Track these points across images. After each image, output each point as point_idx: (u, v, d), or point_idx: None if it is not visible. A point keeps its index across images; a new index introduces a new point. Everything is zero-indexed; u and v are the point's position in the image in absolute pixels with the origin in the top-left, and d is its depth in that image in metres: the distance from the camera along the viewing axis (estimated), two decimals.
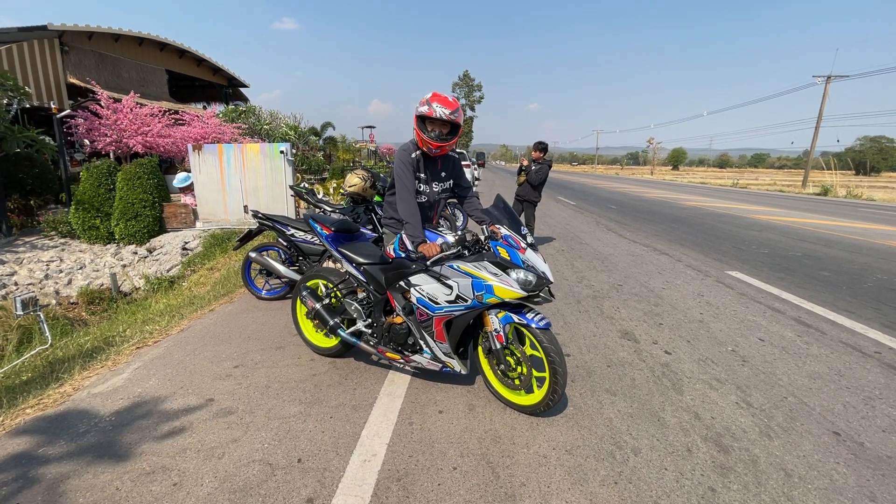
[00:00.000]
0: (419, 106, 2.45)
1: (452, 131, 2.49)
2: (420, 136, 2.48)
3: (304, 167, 17.32)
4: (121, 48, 16.87)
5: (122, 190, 8.98)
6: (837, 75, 28.05)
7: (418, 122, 2.47)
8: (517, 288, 2.20)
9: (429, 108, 2.40)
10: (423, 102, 2.44)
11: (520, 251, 2.27)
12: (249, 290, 4.57)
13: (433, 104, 2.40)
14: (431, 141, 2.44)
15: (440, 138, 2.45)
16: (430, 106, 2.40)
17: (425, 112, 2.40)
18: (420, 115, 2.45)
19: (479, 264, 2.31)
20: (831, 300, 4.48)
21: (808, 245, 7.51)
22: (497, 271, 2.25)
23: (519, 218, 2.47)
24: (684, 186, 30.05)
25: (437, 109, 2.38)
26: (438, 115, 2.38)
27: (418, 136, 2.49)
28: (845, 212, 13.87)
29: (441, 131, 2.46)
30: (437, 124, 2.45)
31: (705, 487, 1.92)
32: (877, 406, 2.58)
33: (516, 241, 2.30)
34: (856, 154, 70.38)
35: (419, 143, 2.52)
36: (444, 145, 2.48)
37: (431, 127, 2.46)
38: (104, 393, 2.67)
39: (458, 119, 2.44)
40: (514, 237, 2.32)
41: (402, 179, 2.51)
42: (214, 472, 1.97)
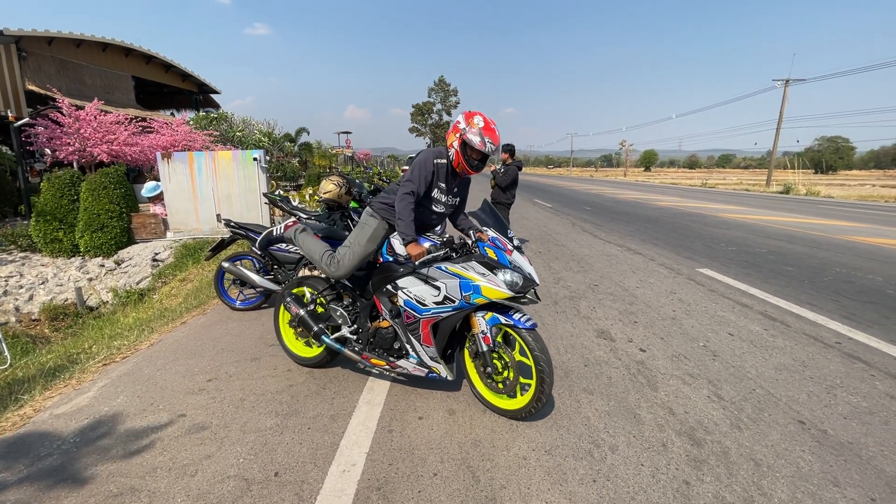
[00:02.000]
0: (469, 130, 2.40)
1: (483, 159, 2.52)
2: (460, 159, 2.46)
3: (280, 174, 17.05)
4: (83, 54, 16.30)
5: (86, 200, 8.65)
6: (795, 79, 29.41)
7: (461, 145, 2.45)
8: (504, 288, 2.23)
9: (481, 142, 2.38)
10: (476, 132, 2.39)
11: (507, 252, 2.31)
12: (223, 300, 4.45)
13: (486, 139, 2.38)
14: (470, 168, 2.48)
15: (477, 167, 2.50)
16: (482, 139, 2.38)
17: (476, 144, 2.38)
18: (466, 142, 2.42)
19: (466, 265, 2.35)
20: (795, 294, 4.67)
21: (772, 241, 7.82)
22: (485, 271, 2.29)
23: (504, 221, 2.50)
24: (656, 187, 30.91)
25: (488, 145, 2.39)
26: (488, 152, 2.42)
27: (458, 157, 2.46)
28: (806, 209, 14.52)
29: (480, 160, 2.50)
30: (478, 153, 2.46)
31: (680, 481, 1.97)
32: (838, 394, 2.70)
33: (503, 243, 2.34)
34: (815, 154, 73.81)
35: (455, 161, 2.50)
36: (476, 172, 2.53)
37: (473, 154, 2.46)
38: (68, 413, 2.55)
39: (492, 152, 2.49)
40: (501, 239, 2.35)
41: (416, 179, 2.47)
42: (187, 491, 1.91)
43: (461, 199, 2.79)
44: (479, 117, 2.42)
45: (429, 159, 2.50)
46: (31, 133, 10.98)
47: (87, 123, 10.98)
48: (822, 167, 71.59)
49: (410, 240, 2.39)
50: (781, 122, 29.24)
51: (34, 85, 13.59)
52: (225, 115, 19.21)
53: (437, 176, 2.53)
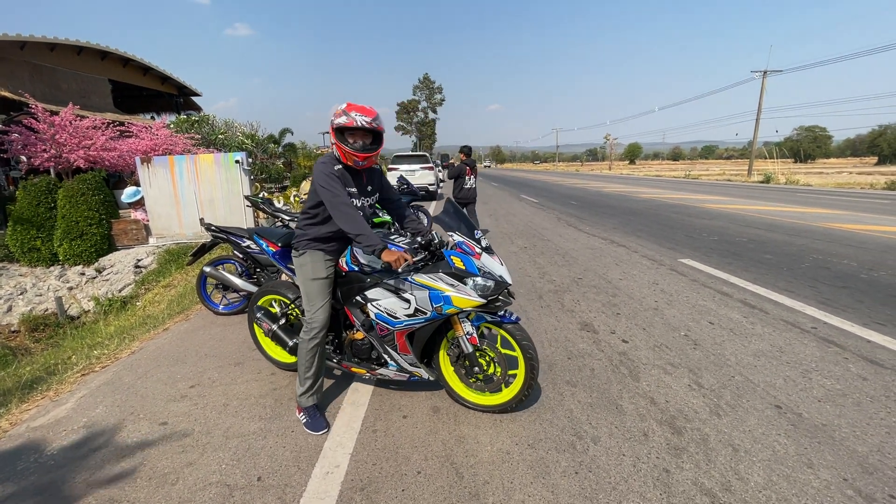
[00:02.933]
0: (335, 118, 2.27)
1: (376, 140, 2.34)
2: (342, 150, 2.27)
3: (264, 176, 16.86)
4: (57, 58, 15.88)
5: (64, 208, 8.45)
6: (773, 70, 29.95)
7: (337, 135, 2.29)
8: (475, 296, 2.17)
9: (348, 119, 2.23)
10: (340, 114, 2.26)
11: (475, 257, 2.24)
12: (206, 305, 4.40)
13: (352, 113, 2.24)
14: (356, 152, 2.26)
15: (365, 149, 2.29)
16: (348, 116, 2.24)
17: (344, 123, 2.24)
18: (339, 128, 2.27)
19: (434, 276, 2.25)
20: (773, 281, 4.77)
21: (752, 230, 7.97)
22: (454, 282, 2.20)
23: (472, 221, 2.45)
24: (640, 180, 31.25)
25: (357, 118, 2.23)
26: (359, 124, 2.24)
27: (339, 149, 2.29)
28: (785, 197, 14.82)
29: (364, 142, 2.30)
30: (358, 135, 2.29)
31: (660, 469, 2.00)
32: (813, 378, 2.77)
33: (470, 246, 2.28)
34: (793, 143, 75.34)
35: (342, 157, 2.31)
36: (371, 156, 2.31)
37: (353, 138, 2.28)
38: (45, 425, 2.50)
39: (380, 127, 2.31)
40: (467, 243, 2.28)
41: (333, 191, 2.24)
42: (167, 500, 1.89)
43: (380, 192, 2.59)
44: (342, 104, 2.29)
45: (327, 172, 2.28)
46: (4, 140, 10.69)
47: (62, 129, 10.71)
48: (801, 156, 73.11)
49: (381, 247, 2.16)
50: (760, 112, 29.77)
51: (6, 91, 13.20)
52: (207, 118, 18.94)
53: (345, 182, 2.34)
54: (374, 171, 2.54)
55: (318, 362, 2.43)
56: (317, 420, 2.37)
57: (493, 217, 10.96)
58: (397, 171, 14.95)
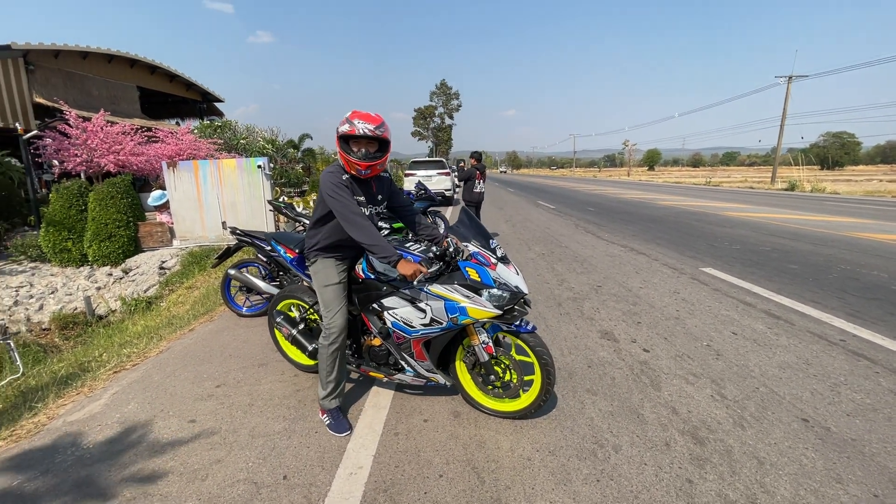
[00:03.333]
0: (340, 126, 2.26)
1: (381, 149, 2.30)
2: (346, 159, 2.25)
3: (283, 181, 17.17)
4: (89, 66, 16.52)
5: (94, 210, 8.77)
6: (798, 75, 29.31)
7: (341, 143, 2.26)
8: (491, 308, 2.16)
9: (350, 127, 2.21)
10: (344, 122, 2.24)
11: (490, 267, 2.22)
12: (230, 307, 4.51)
13: (354, 121, 2.22)
14: (359, 161, 2.23)
15: (368, 157, 2.25)
16: (351, 124, 2.21)
17: (347, 131, 2.21)
18: (343, 136, 2.25)
19: (450, 287, 2.24)
20: (799, 292, 4.66)
21: (776, 239, 7.80)
22: (469, 293, 2.20)
23: (487, 230, 2.42)
24: (660, 186, 30.82)
25: (358, 126, 2.20)
26: (361, 132, 2.20)
27: (343, 158, 2.27)
28: (811, 206, 14.44)
29: (368, 150, 2.26)
30: (362, 143, 2.25)
31: (683, 479, 1.99)
32: (842, 392, 2.71)
33: (486, 257, 2.26)
34: (819, 150, 73.33)
35: (346, 166, 2.29)
36: (374, 164, 2.27)
37: (357, 147, 2.25)
38: (81, 420, 2.61)
39: (385, 134, 2.26)
40: (483, 253, 2.27)
41: (343, 202, 2.22)
42: (198, 495, 1.95)
43: (389, 201, 2.57)
44: (348, 112, 2.28)
45: (334, 182, 2.26)
46: (39, 145, 11.16)
47: (93, 134, 11.14)
48: (828, 163, 71.08)
49: (396, 259, 2.13)
50: (785, 118, 29.11)
51: (42, 97, 13.79)
52: (229, 124, 19.41)
53: (353, 192, 2.31)
54: (382, 178, 2.51)
55: (340, 366, 2.47)
56: (340, 422, 2.42)
57: (509, 223, 10.95)
58: (414, 176, 15.06)
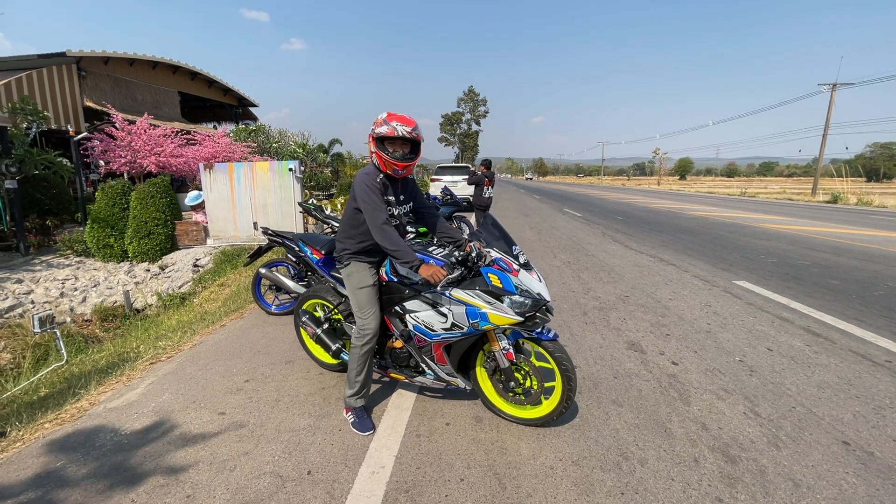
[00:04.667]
0: (376, 127, 2.32)
1: (414, 150, 2.39)
2: (382, 158, 2.32)
3: (313, 184, 17.59)
4: (135, 72, 17.43)
5: (135, 209, 9.20)
6: (843, 83, 28.00)
7: (377, 143, 2.33)
8: (512, 314, 2.16)
9: (389, 128, 2.28)
10: (381, 123, 2.31)
11: (512, 274, 2.21)
12: (259, 305, 4.65)
13: (392, 123, 2.29)
14: (396, 161, 2.31)
15: (405, 158, 2.33)
16: (389, 125, 2.29)
17: (385, 132, 2.28)
18: (379, 137, 2.32)
19: (471, 292, 2.25)
20: (841, 309, 4.44)
21: (817, 254, 7.45)
22: (491, 300, 2.20)
23: (510, 236, 2.42)
24: (691, 196, 29.93)
25: (398, 128, 2.28)
26: (400, 134, 2.28)
27: (380, 158, 2.33)
28: (856, 219, 13.72)
29: (403, 151, 2.35)
30: (398, 144, 2.33)
31: (712, 498, 1.92)
32: (887, 415, 2.56)
33: (508, 263, 2.25)
34: (866, 161, 69.78)
35: (382, 165, 2.36)
36: (410, 164, 2.36)
37: (393, 147, 2.33)
38: (120, 407, 2.74)
39: (420, 136, 2.35)
40: (505, 260, 2.26)
41: (373, 205, 2.28)
42: (226, 485, 2.01)
43: (413, 201, 2.63)
44: (383, 114, 2.34)
45: (370, 184, 2.33)
46: (87, 146, 11.81)
47: (137, 137, 11.73)
48: (877, 175, 67.46)
49: (418, 263, 2.20)
50: (828, 127, 27.83)
51: (91, 101, 14.63)
52: (262, 128, 20.07)
53: (385, 192, 2.39)
54: (408, 180, 2.60)
55: (369, 367, 2.52)
56: (364, 421, 2.46)
57: (535, 230, 10.87)
58: (440, 181, 15.16)
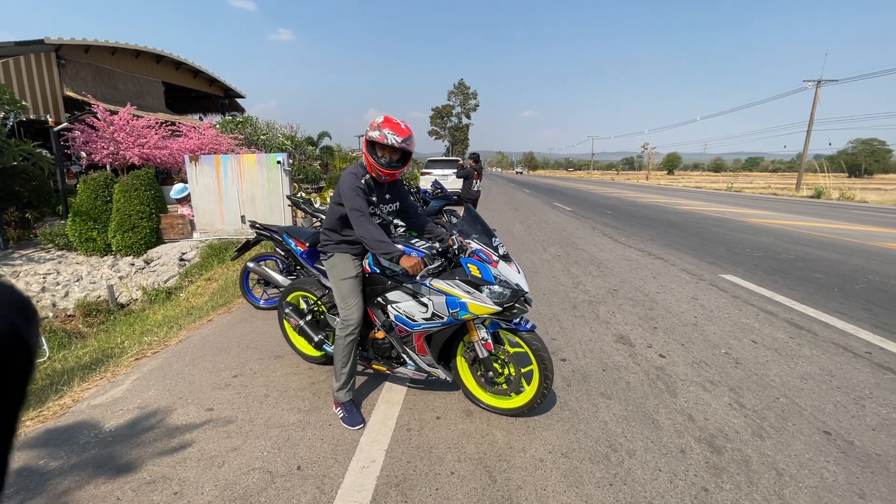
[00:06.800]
0: (370, 131, 2.34)
1: (402, 159, 2.42)
2: (370, 162, 2.36)
3: (301, 177, 17.39)
4: (117, 61, 16.98)
5: (119, 201, 9.01)
6: (827, 80, 28.46)
7: (368, 146, 2.36)
8: (490, 304, 2.20)
9: (380, 135, 2.29)
10: (374, 127, 2.33)
11: (491, 265, 2.25)
12: (247, 299, 4.59)
13: (384, 130, 2.30)
14: (382, 168, 2.34)
15: (391, 165, 2.37)
16: (381, 132, 2.30)
17: (376, 138, 2.30)
18: (370, 141, 2.34)
19: (451, 282, 2.30)
20: (823, 302, 4.54)
21: (800, 248, 7.60)
22: (470, 289, 2.24)
23: (490, 228, 2.45)
24: (679, 191, 30.28)
25: (388, 136, 2.29)
26: (390, 143, 2.29)
27: (368, 161, 2.37)
28: (838, 214, 14.02)
29: (392, 158, 2.38)
30: (387, 151, 2.36)
31: (698, 488, 1.96)
32: (867, 405, 2.63)
33: (487, 254, 2.29)
34: (848, 157, 71.20)
35: (368, 168, 2.41)
36: (395, 172, 2.40)
37: (382, 153, 2.36)
38: (104, 404, 2.69)
39: (410, 147, 2.36)
40: (484, 251, 2.30)
41: (356, 203, 2.32)
42: (215, 481, 1.99)
43: (399, 201, 2.66)
44: (380, 118, 2.36)
45: (353, 184, 2.35)
46: (68, 137, 11.51)
47: (120, 128, 11.44)
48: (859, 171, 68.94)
49: (399, 254, 2.23)
50: (812, 124, 28.32)
51: (72, 91, 14.23)
52: (249, 119, 19.72)
53: (368, 192, 2.41)
54: (396, 181, 2.62)
55: (354, 358, 2.52)
56: (353, 415, 2.45)
57: (525, 224, 10.89)
58: (430, 175, 15.09)
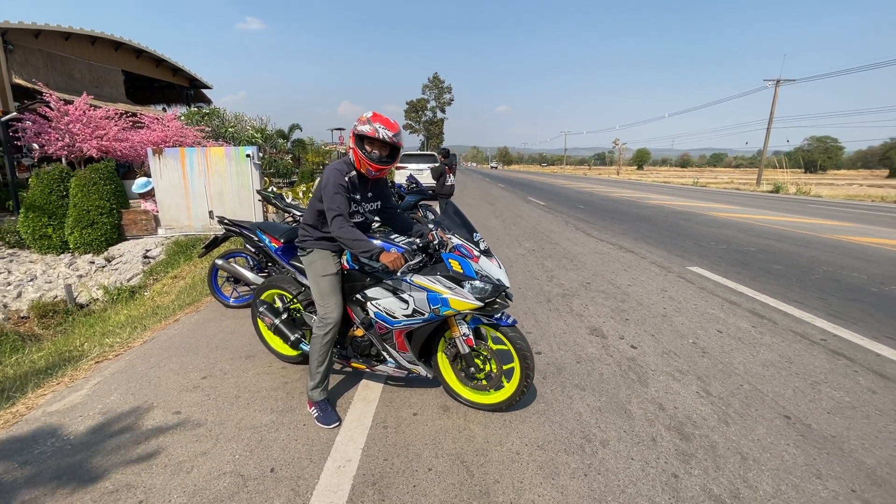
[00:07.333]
0: (359, 125, 2.32)
1: (392, 154, 2.40)
2: (358, 157, 2.33)
3: (272, 171, 16.96)
4: (72, 47, 16.05)
5: (76, 196, 8.54)
6: (786, 79, 29.76)
7: (357, 141, 2.33)
8: (472, 300, 2.19)
9: (371, 129, 2.28)
10: (364, 121, 2.31)
11: (473, 260, 2.25)
12: (216, 298, 4.44)
13: (376, 124, 2.29)
14: (372, 162, 2.31)
15: (381, 160, 2.34)
16: (372, 126, 2.28)
17: (367, 132, 2.28)
18: (360, 135, 2.31)
19: (432, 278, 2.28)
20: (782, 292, 4.76)
21: (761, 240, 7.94)
22: (451, 285, 2.23)
23: (472, 224, 2.45)
24: (648, 186, 31.14)
25: (380, 131, 2.28)
26: (381, 137, 2.28)
27: (356, 156, 2.34)
28: (795, 208, 14.73)
29: (381, 153, 2.35)
30: (377, 145, 2.33)
31: (669, 474, 2.02)
32: (822, 390, 2.77)
33: (469, 249, 2.29)
34: (804, 153, 74.95)
35: (356, 163, 2.37)
36: (385, 168, 2.37)
37: (371, 148, 2.33)
38: (61, 411, 2.55)
39: (401, 142, 2.36)
40: (466, 246, 2.30)
41: (333, 203, 2.28)
42: (183, 487, 1.92)
43: (382, 203, 2.64)
44: (368, 112, 2.34)
45: (337, 180, 2.31)
46: (18, 128, 10.82)
47: (76, 118, 10.83)
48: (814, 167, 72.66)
49: (378, 251, 2.21)
50: (772, 121, 29.60)
51: (21, 79, 13.36)
52: (217, 111, 19.04)
53: (351, 190, 2.38)
54: (378, 180, 2.58)
55: (330, 357, 2.47)
56: (328, 414, 2.41)
57: (500, 218, 10.97)
58: (405, 169, 14.98)
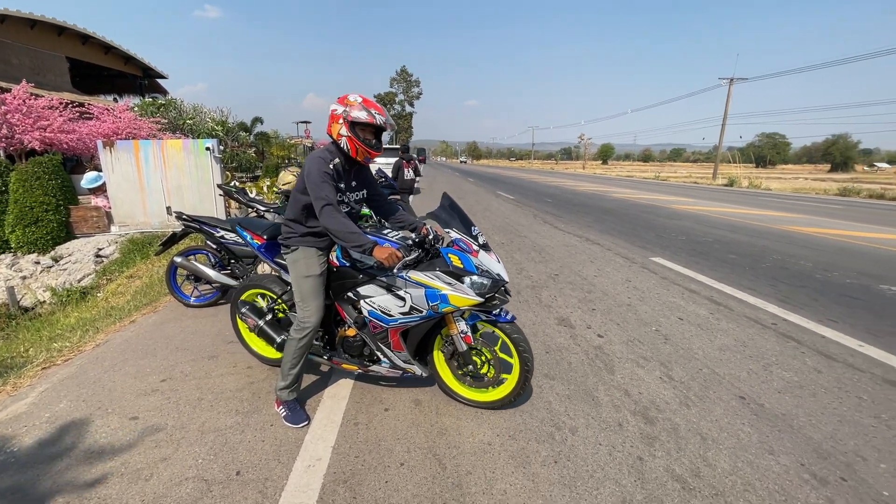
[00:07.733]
0: (354, 111, 2.18)
1: (378, 138, 2.33)
2: (355, 145, 2.22)
3: (234, 165, 16.34)
4: (7, 31, 14.85)
5: (17, 192, 7.94)
6: (739, 78, 31.23)
7: (350, 128, 2.20)
8: (472, 295, 2.14)
9: (368, 115, 2.17)
10: (358, 107, 2.18)
11: (472, 255, 2.21)
12: (176, 297, 4.24)
13: (371, 110, 2.19)
14: (370, 150, 2.25)
15: (375, 146, 2.28)
16: (368, 112, 2.17)
17: (364, 118, 2.16)
18: (355, 122, 2.20)
19: (431, 274, 2.21)
20: (737, 280, 5.01)
21: (717, 231, 8.33)
22: (451, 280, 2.18)
23: (469, 217, 2.39)
24: (613, 180, 32.05)
25: (377, 117, 2.19)
26: (378, 122, 2.20)
27: (352, 143, 2.21)
28: (748, 200, 15.53)
29: (372, 139, 2.28)
30: (369, 132, 2.25)
31: (634, 457, 2.09)
32: (773, 371, 2.94)
33: (468, 244, 2.24)
34: (755, 149, 79.16)
35: (353, 151, 2.24)
36: (379, 153, 2.32)
37: (364, 134, 2.24)
38: (4, 421, 2.37)
39: (393, 125, 2.33)
40: (464, 240, 2.25)
41: (321, 193, 2.15)
42: (142, 496, 1.83)
43: (368, 191, 2.53)
44: (353, 95, 2.24)
45: (322, 169, 2.19)
46: None
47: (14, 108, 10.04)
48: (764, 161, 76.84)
49: (371, 246, 2.08)
50: (726, 118, 31.03)
51: None
52: (174, 102, 18.11)
53: (337, 179, 2.27)
54: (362, 167, 2.48)
55: (304, 359, 2.40)
56: (297, 413, 2.35)
57: (470, 213, 10.97)
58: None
